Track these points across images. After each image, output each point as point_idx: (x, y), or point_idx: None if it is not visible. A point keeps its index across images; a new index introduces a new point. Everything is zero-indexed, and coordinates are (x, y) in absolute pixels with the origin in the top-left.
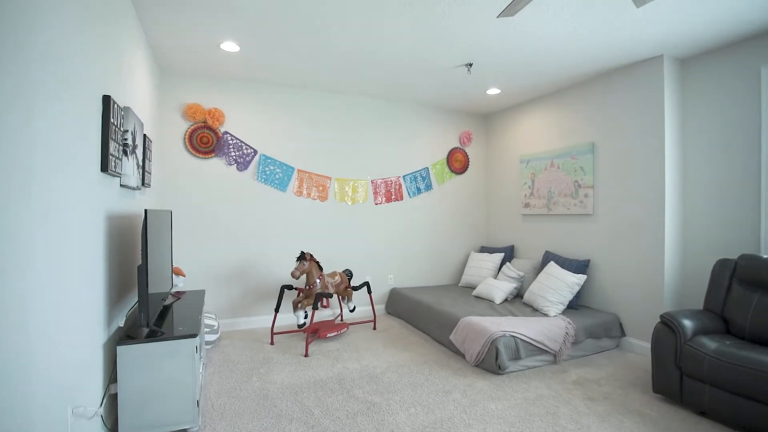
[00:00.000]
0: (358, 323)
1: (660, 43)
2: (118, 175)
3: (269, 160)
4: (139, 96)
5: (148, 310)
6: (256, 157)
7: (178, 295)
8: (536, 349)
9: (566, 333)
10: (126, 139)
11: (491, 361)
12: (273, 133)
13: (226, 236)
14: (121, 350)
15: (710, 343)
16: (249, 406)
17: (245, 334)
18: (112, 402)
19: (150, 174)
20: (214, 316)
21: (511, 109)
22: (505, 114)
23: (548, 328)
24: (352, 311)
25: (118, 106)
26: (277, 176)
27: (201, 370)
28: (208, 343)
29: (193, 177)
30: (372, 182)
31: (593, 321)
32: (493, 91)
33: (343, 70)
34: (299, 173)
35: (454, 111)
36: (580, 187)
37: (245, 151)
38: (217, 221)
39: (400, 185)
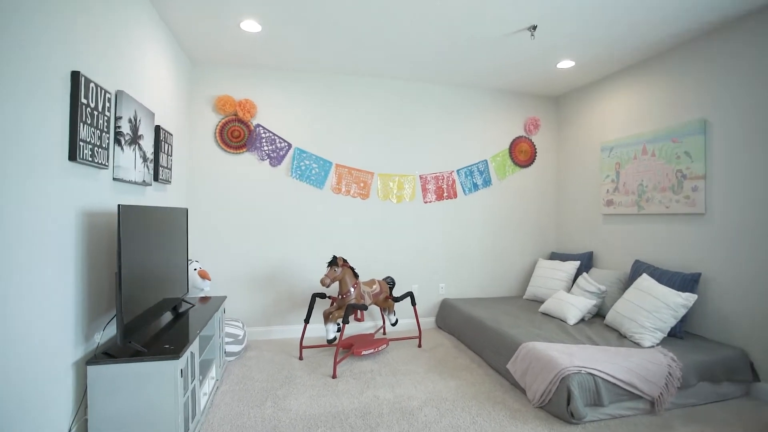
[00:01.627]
0: (400, 339)
1: None
2: (103, 166)
3: (304, 154)
4: (146, 83)
5: (123, 323)
6: (291, 151)
7: (205, 300)
8: (625, 393)
9: (669, 373)
10: (119, 127)
11: (560, 405)
12: (308, 125)
13: (258, 236)
14: (92, 371)
15: None
16: None
17: (276, 344)
18: (85, 429)
19: (169, 170)
20: (240, 324)
21: (589, 87)
22: (581, 93)
23: (642, 364)
24: (394, 325)
25: (98, 86)
26: (313, 171)
27: (207, 390)
28: (230, 354)
29: (223, 173)
30: (420, 177)
31: (708, 357)
32: (566, 63)
33: (381, 49)
34: (337, 168)
35: (517, 94)
36: (685, 178)
37: (279, 145)
38: (249, 220)
39: (454, 181)
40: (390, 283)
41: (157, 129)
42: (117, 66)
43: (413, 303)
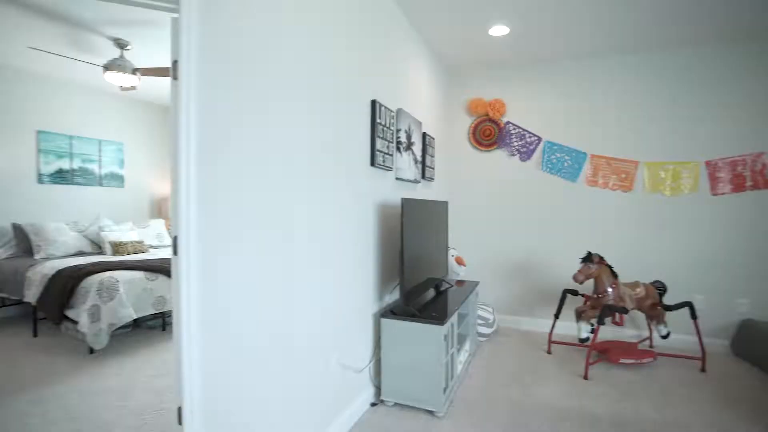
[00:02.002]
0: (673, 356)
1: None
2: (389, 168)
3: (555, 147)
4: (415, 97)
5: (405, 290)
6: (540, 145)
7: (460, 284)
8: None
9: None
10: (399, 137)
11: None
12: (557, 117)
13: (508, 228)
14: (383, 323)
15: None
16: (499, 413)
17: (523, 335)
18: (379, 361)
19: (433, 169)
20: (490, 310)
21: None
22: None
23: None
24: (664, 338)
25: (386, 108)
26: (565, 164)
27: (462, 359)
28: (481, 335)
29: (476, 170)
30: (707, 164)
31: None
32: None
33: (632, 18)
34: (593, 159)
35: None
36: None
37: (528, 140)
38: (500, 213)
39: (764, 165)
40: (660, 288)
41: (424, 135)
42: (397, 90)
43: (693, 316)
